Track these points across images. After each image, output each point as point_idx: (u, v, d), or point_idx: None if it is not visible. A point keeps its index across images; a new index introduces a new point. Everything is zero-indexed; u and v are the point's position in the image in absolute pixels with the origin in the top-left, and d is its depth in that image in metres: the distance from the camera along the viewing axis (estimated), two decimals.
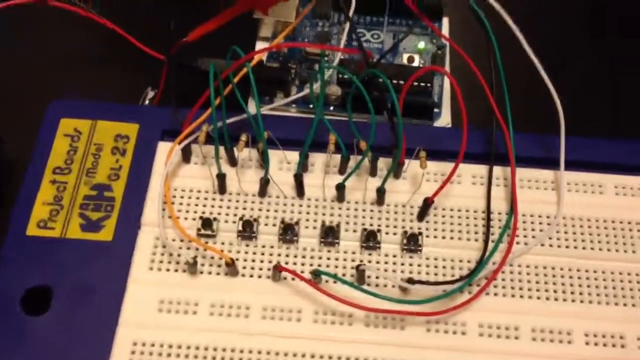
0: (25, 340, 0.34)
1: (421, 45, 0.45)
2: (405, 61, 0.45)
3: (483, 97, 0.38)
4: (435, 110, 0.43)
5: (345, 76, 0.41)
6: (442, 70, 0.36)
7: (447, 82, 0.44)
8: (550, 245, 0.37)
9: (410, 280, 0.34)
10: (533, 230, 0.37)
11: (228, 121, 0.37)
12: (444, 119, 0.43)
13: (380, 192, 0.37)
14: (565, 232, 0.37)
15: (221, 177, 0.37)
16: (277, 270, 0.35)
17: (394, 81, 0.41)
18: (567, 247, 0.37)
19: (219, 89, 0.38)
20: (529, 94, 0.40)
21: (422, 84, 0.42)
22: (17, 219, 0.37)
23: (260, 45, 0.45)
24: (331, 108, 0.43)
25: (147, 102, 0.43)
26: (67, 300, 0.35)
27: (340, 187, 0.37)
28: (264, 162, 0.38)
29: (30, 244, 0.36)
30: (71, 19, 0.45)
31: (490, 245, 0.36)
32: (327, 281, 0.36)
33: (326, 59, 0.44)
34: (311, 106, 0.43)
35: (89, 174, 0.38)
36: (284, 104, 0.43)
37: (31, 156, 0.39)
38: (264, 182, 0.37)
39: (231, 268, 0.35)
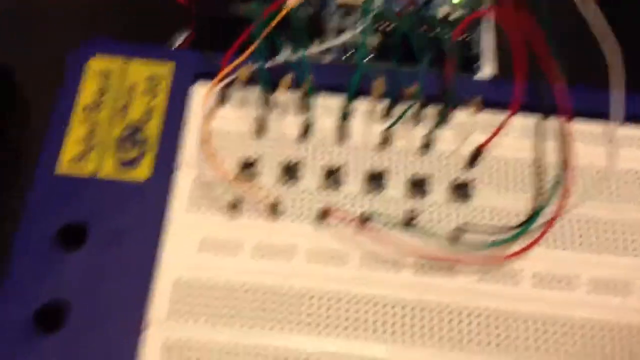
0: (61, 278, 0.32)
1: None
2: (441, 16, 0.43)
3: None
4: (476, 64, 0.42)
5: (383, 24, 0.40)
6: (490, 15, 0.34)
7: (490, 32, 0.43)
8: (604, 199, 0.35)
9: (461, 229, 0.33)
10: (586, 183, 0.36)
11: (266, 65, 0.35)
12: (488, 71, 0.42)
13: (428, 139, 0.35)
14: (618, 186, 0.36)
15: (262, 120, 0.36)
16: (325, 214, 0.33)
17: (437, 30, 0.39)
18: (619, 200, 0.35)
19: (253, 32, 0.36)
20: (580, 42, 0.38)
21: (464, 35, 0.41)
22: (47, 157, 0.35)
23: None
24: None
25: (177, 45, 0.41)
26: (104, 239, 0.33)
27: (386, 133, 0.35)
28: (305, 105, 0.36)
29: (62, 182, 0.34)
30: None
31: (543, 197, 0.35)
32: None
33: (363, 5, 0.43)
34: (348, 55, 0.42)
35: (122, 113, 0.37)
36: (319, 52, 0.41)
37: (58, 95, 0.37)
38: (307, 125, 0.36)
39: (274, 210, 0.33)
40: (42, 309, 0.31)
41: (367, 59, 0.41)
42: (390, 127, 0.35)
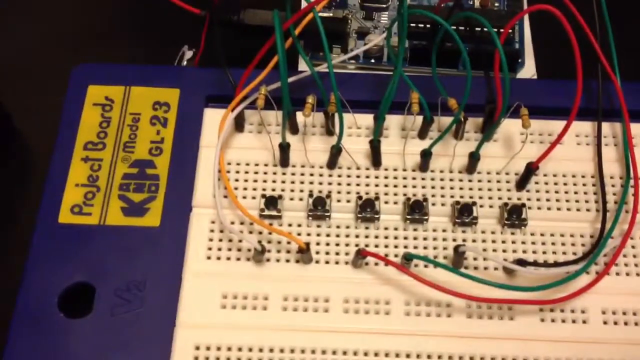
0: (65, 347, 0.28)
1: None
2: (477, 6, 0.39)
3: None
4: (519, 60, 0.37)
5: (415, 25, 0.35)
6: (550, 8, 0.29)
7: (527, 29, 0.38)
8: None
9: (522, 262, 0.29)
10: None
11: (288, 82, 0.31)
12: (528, 70, 0.37)
13: (474, 157, 0.31)
14: None
15: (285, 148, 0.31)
16: (360, 255, 0.29)
17: (477, 29, 0.35)
18: None
19: (274, 45, 0.32)
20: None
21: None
22: (47, 205, 0.31)
23: None
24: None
25: (184, 63, 0.37)
26: (113, 299, 0.29)
27: (427, 154, 0.31)
28: (333, 128, 0.32)
29: (65, 234, 0.30)
30: None
31: (609, 216, 0.30)
32: (416, 265, 0.30)
33: (384, 5, 0.39)
34: (373, 61, 0.37)
35: (126, 148, 0.33)
36: (342, 61, 0.37)
37: (57, 130, 0.33)
38: (335, 152, 0.31)
39: (304, 254, 0.29)
40: None
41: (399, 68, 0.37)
42: (431, 146, 0.31)
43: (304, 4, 0.39)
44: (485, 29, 0.35)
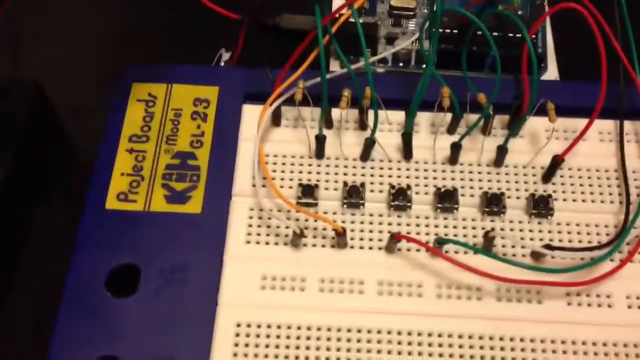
0: (113, 326, 0.29)
1: None
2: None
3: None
4: (542, 64, 0.39)
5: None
6: (576, 6, 0.31)
7: (549, 33, 0.40)
8: None
9: (549, 247, 0.30)
10: None
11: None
12: (551, 73, 0.39)
13: (502, 150, 0.33)
14: None
15: (321, 140, 0.33)
16: (395, 240, 0.30)
17: (495, 33, 0.36)
18: None
19: (308, 47, 0.33)
20: None
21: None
22: (95, 192, 0.33)
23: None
24: (423, 66, 0.38)
25: (222, 64, 0.39)
26: (157, 280, 0.30)
27: (456, 147, 0.33)
28: (368, 122, 0.33)
29: (112, 219, 0.32)
30: None
31: (632, 207, 0.32)
32: (446, 251, 0.31)
33: (411, 12, 0.40)
34: (401, 64, 0.39)
35: (169, 141, 0.34)
36: (372, 63, 0.38)
37: (105, 124, 0.35)
38: (369, 144, 0.33)
39: (340, 239, 0.31)
40: None
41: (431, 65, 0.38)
42: (461, 139, 0.33)
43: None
44: (510, 34, 0.36)
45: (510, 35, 0.36)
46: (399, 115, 0.35)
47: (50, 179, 0.38)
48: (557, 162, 0.32)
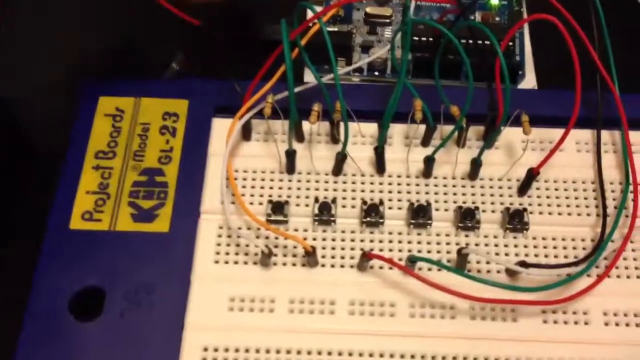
0: (76, 350, 0.29)
1: (494, 0, 0.40)
2: (479, 20, 0.40)
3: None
4: (519, 72, 0.38)
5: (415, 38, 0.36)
6: (550, 17, 0.30)
7: (528, 41, 0.39)
8: None
9: (524, 264, 0.29)
10: None
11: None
12: (529, 81, 0.38)
13: (476, 164, 0.32)
14: None
15: (291, 155, 0.32)
16: (366, 258, 0.30)
17: (471, 41, 0.36)
18: None
19: (279, 57, 0.32)
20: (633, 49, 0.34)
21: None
22: (58, 211, 0.32)
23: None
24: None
25: (173, 64, 0.38)
26: (122, 302, 0.29)
27: (430, 160, 0.32)
28: (339, 136, 0.33)
29: (76, 239, 0.31)
30: None
31: (609, 220, 0.31)
32: (420, 269, 0.31)
33: (387, 20, 0.39)
34: (376, 73, 0.38)
35: (136, 157, 0.34)
36: (347, 72, 0.37)
37: (69, 140, 0.34)
38: (340, 158, 0.32)
39: (311, 258, 0.30)
40: None
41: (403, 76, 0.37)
42: (434, 152, 0.32)
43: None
44: (486, 42, 0.35)
45: (487, 42, 0.36)
46: (372, 128, 0.34)
47: (12, 195, 0.37)
48: (532, 175, 0.31)
